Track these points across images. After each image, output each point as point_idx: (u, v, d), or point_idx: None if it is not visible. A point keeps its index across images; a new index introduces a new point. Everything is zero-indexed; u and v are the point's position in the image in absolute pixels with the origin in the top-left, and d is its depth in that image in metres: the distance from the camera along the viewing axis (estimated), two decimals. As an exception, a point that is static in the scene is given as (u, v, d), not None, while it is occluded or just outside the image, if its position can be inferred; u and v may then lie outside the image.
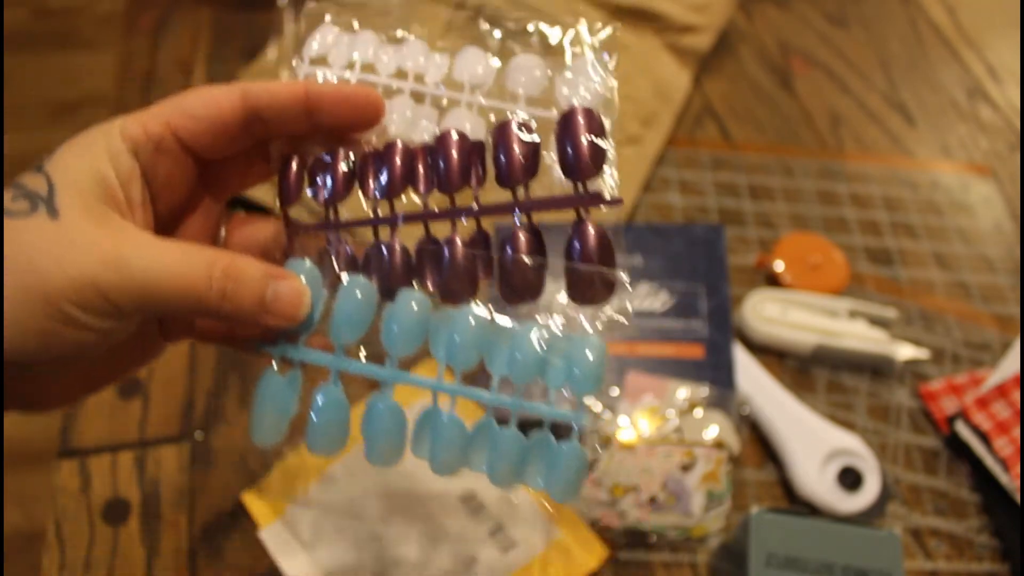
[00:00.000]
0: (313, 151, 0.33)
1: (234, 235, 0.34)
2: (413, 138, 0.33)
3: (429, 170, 0.32)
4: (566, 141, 0.30)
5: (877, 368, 0.57)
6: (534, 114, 0.32)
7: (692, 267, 0.58)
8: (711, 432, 0.50)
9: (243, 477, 0.49)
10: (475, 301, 0.30)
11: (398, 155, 0.32)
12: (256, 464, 0.50)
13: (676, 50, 0.72)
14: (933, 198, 0.69)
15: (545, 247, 0.31)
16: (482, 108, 0.33)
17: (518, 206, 0.31)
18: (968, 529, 0.51)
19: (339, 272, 0.31)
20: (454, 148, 0.31)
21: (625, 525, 0.47)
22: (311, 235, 0.33)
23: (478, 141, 0.32)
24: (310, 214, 0.35)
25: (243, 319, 0.29)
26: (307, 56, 0.35)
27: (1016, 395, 0.53)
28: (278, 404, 0.31)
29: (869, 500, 0.50)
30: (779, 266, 0.61)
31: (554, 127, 0.31)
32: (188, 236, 0.33)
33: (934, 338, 0.60)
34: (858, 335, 0.57)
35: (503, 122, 0.31)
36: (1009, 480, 0.51)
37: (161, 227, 0.31)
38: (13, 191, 0.26)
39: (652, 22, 0.71)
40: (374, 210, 0.32)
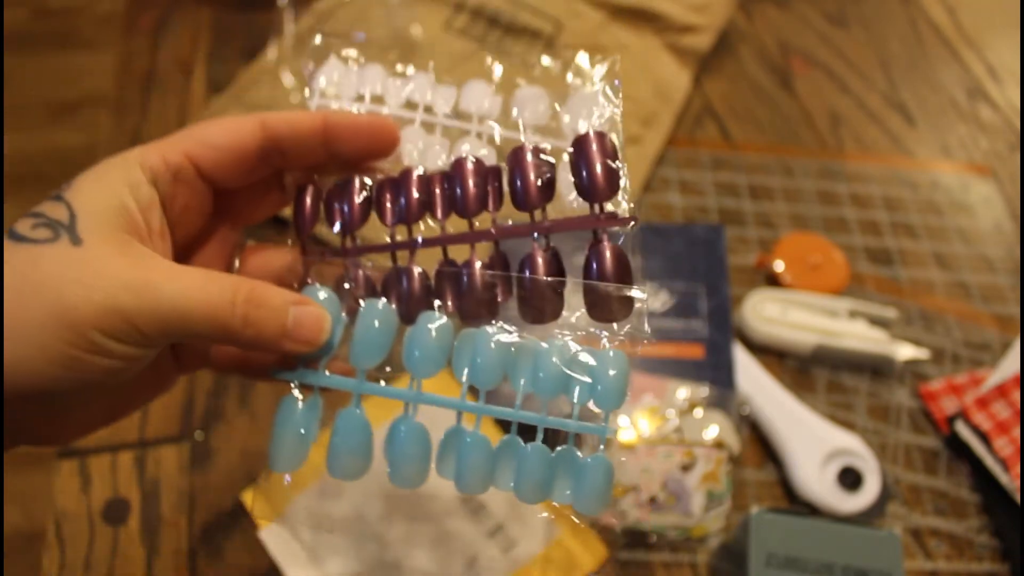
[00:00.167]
0: (328, 180, 0.34)
1: (248, 263, 0.34)
2: (427, 165, 0.34)
3: (446, 195, 0.32)
4: (581, 165, 0.30)
5: (877, 368, 0.57)
6: (543, 142, 0.32)
7: (692, 267, 0.58)
8: (711, 432, 0.50)
9: (243, 477, 0.50)
10: (495, 322, 0.31)
11: (414, 181, 0.33)
12: (256, 464, 0.50)
13: (676, 50, 0.72)
14: (933, 198, 0.69)
15: (564, 267, 0.31)
16: (491, 137, 0.34)
17: (535, 228, 0.31)
18: (968, 529, 0.51)
19: (358, 298, 0.31)
20: (471, 173, 0.32)
21: (625, 525, 0.47)
22: (328, 263, 0.33)
23: (494, 166, 0.33)
24: (326, 243, 0.35)
25: (264, 345, 0.28)
26: (316, 90, 0.35)
27: (1016, 395, 0.53)
28: (298, 430, 0.30)
29: (869, 500, 0.50)
30: (779, 266, 0.61)
31: (561, 154, 0.31)
32: (203, 264, 0.33)
33: (934, 338, 0.60)
34: (858, 335, 0.57)
35: (518, 147, 0.32)
36: (1009, 480, 0.51)
37: (178, 255, 0.31)
38: (32, 219, 0.26)
39: (652, 22, 0.71)
40: (392, 236, 0.33)
